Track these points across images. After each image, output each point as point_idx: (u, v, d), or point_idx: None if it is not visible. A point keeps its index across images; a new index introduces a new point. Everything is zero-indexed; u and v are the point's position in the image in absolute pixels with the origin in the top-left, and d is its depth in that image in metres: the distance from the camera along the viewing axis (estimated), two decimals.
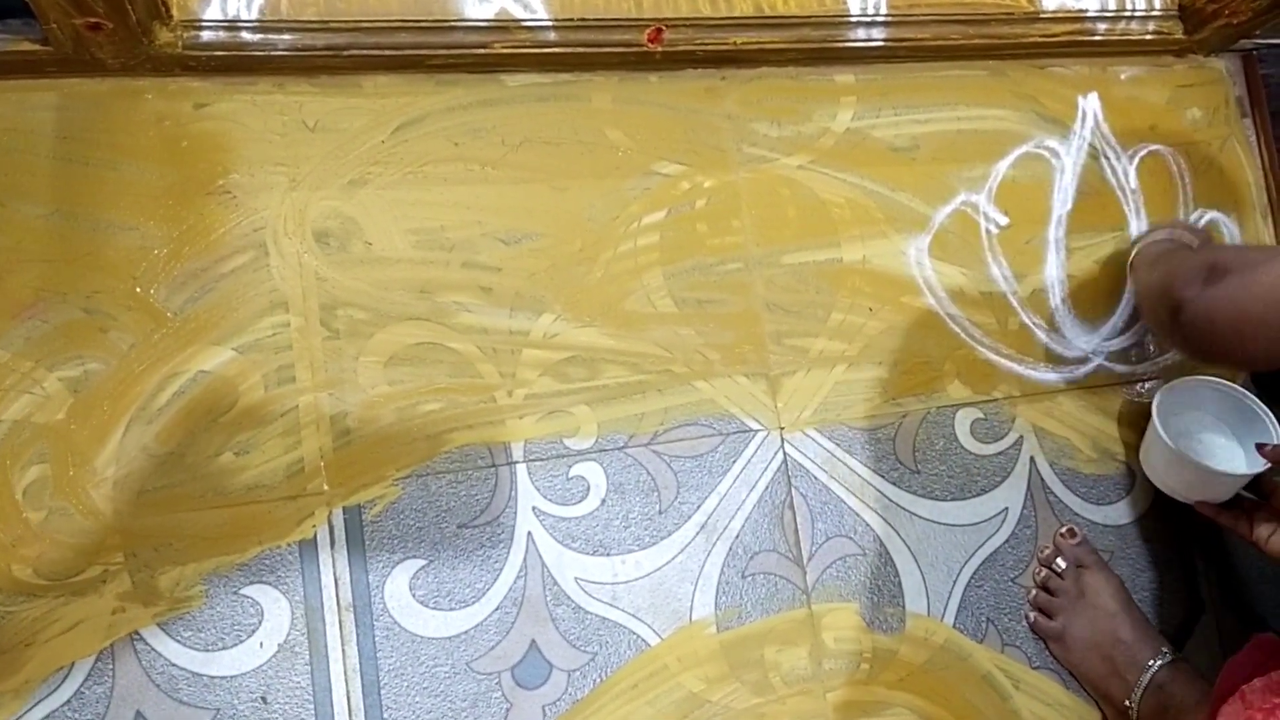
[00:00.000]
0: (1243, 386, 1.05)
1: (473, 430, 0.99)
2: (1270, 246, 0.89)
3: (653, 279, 1.06)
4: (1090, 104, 1.22)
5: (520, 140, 1.04)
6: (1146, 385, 1.14)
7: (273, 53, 0.92)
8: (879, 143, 1.14)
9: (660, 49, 1.01)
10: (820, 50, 1.09)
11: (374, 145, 1.01)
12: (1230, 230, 1.23)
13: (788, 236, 1.10)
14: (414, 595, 0.94)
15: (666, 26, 1.01)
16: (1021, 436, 1.13)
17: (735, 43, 1.03)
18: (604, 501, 1.01)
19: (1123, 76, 1.23)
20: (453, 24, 0.95)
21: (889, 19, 1.09)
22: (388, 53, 0.96)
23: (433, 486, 0.97)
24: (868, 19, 1.09)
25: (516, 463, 0.99)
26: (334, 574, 0.93)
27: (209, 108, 0.96)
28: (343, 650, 0.92)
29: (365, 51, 0.94)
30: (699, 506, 1.03)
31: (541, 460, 1.00)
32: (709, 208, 1.08)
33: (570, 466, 1.01)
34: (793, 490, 1.05)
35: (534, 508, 0.99)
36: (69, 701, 0.85)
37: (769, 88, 1.12)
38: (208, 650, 0.88)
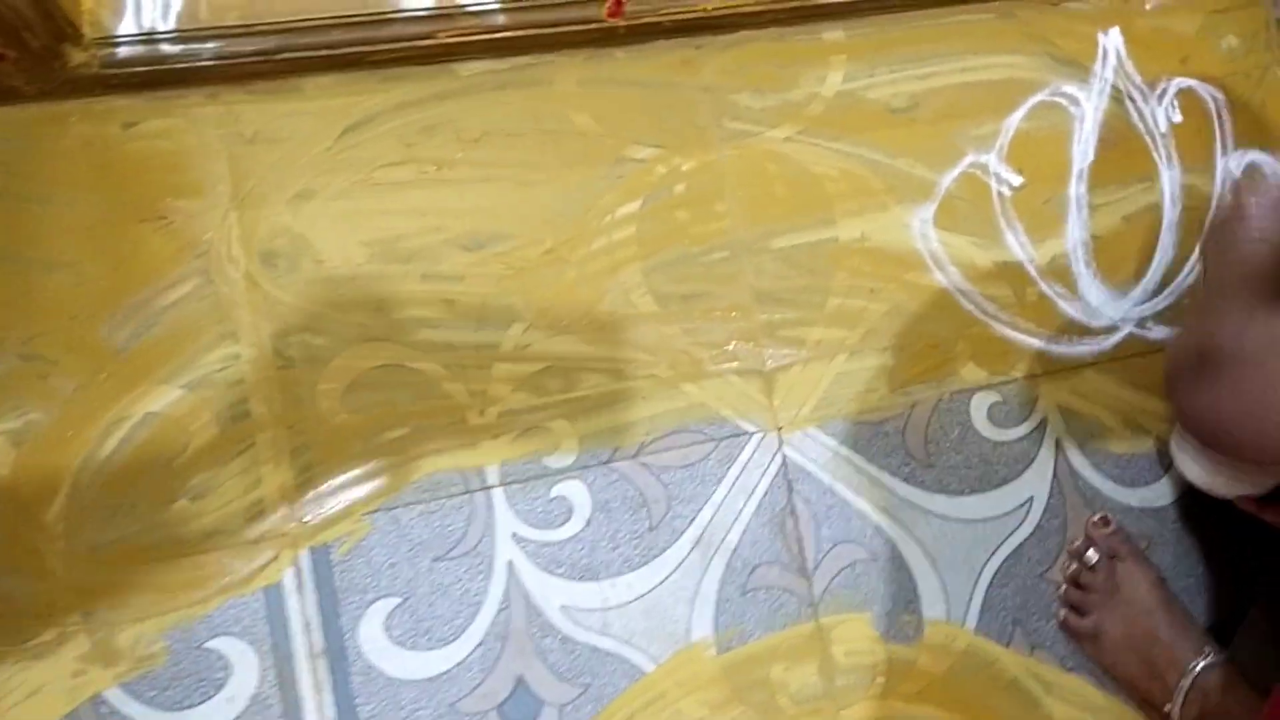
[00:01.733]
0: None
1: (443, 455, 0.95)
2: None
3: (631, 276, 1.00)
4: (1112, 40, 1.13)
5: (478, 134, 0.99)
6: None
7: (198, 63, 0.86)
8: (874, 104, 1.06)
9: (623, 22, 0.93)
10: (804, 7, 1.02)
11: (319, 153, 0.96)
12: (1275, 172, 1.15)
13: (777, 217, 1.03)
14: (390, 636, 0.91)
15: None
16: (1045, 418, 1.06)
17: (706, 8, 0.95)
18: (589, 522, 0.96)
19: (1148, 6, 1.14)
20: (390, 16, 0.89)
21: None
22: (324, 53, 0.90)
23: (403, 519, 0.93)
24: None
25: (492, 487, 0.95)
26: (303, 619, 0.90)
27: (138, 126, 0.91)
28: (318, 699, 0.88)
29: (299, 54, 0.88)
30: (692, 520, 0.98)
31: (519, 482, 0.95)
32: (689, 192, 1.02)
33: (551, 487, 0.96)
34: (794, 495, 1.00)
35: (514, 534, 0.95)
36: None
37: (749, 53, 1.04)
38: (175, 709, 0.86)
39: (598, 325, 0.99)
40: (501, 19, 0.91)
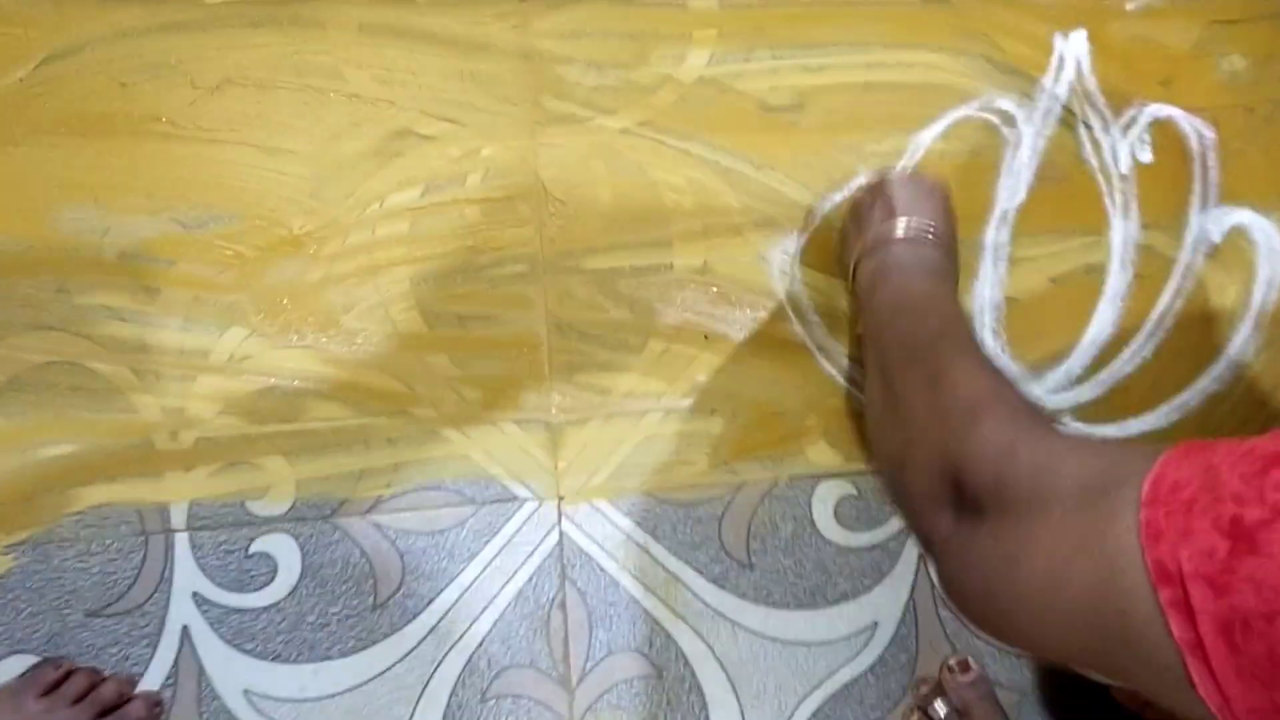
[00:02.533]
0: None
1: (117, 484, 0.84)
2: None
3: (395, 284, 0.88)
4: (1073, 47, 0.98)
5: (218, 81, 0.87)
6: None
7: None
8: (745, 98, 0.94)
9: None
10: None
11: (8, 86, 0.85)
12: (1267, 240, 0.99)
13: (597, 230, 0.91)
14: None
15: None
16: None
17: None
18: (295, 590, 0.85)
19: (1129, 6, 0.99)
20: None
21: None
22: None
23: (55, 558, 0.83)
24: None
25: (176, 531, 0.84)
26: None
27: None
28: None
29: None
30: (431, 601, 0.86)
31: (212, 529, 0.85)
32: (486, 185, 0.90)
33: (252, 540, 0.85)
34: (567, 584, 0.88)
35: (195, 593, 0.84)
36: None
37: (588, 15, 0.93)
38: None
39: (343, 341, 0.88)
40: None
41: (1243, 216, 0.98)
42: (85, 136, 0.84)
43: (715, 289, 0.90)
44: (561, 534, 0.87)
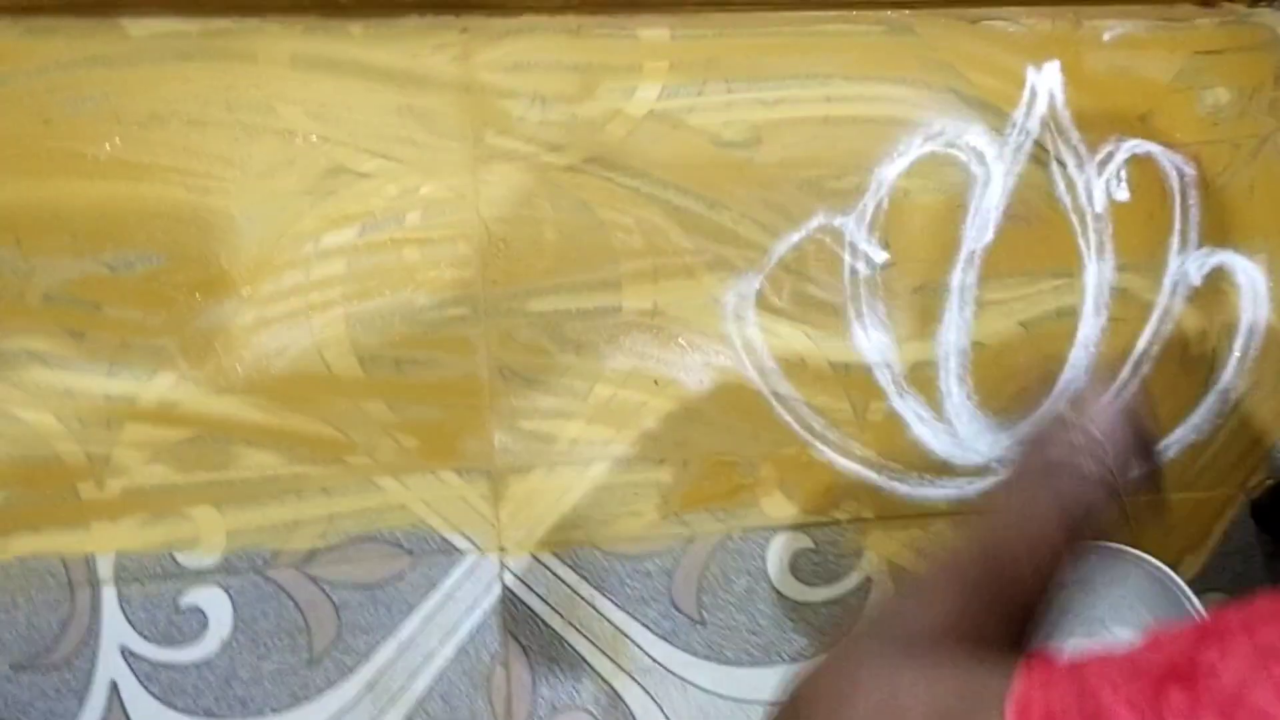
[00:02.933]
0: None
1: (41, 534, 0.85)
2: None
3: (330, 326, 0.89)
4: (1046, 79, 0.97)
5: (145, 116, 0.89)
6: None
7: None
8: (698, 133, 0.95)
9: None
10: None
11: None
12: (1251, 283, 0.99)
13: (542, 271, 0.93)
14: None
15: None
16: (870, 578, 0.94)
17: None
18: (227, 644, 0.86)
19: (1106, 36, 1.00)
20: None
21: None
22: None
23: None
24: None
25: (103, 583, 0.86)
26: None
27: None
28: None
29: None
30: (368, 657, 0.87)
31: (140, 581, 0.86)
32: (425, 224, 0.91)
33: (181, 593, 0.86)
34: (510, 639, 0.89)
35: (123, 648, 0.85)
36: None
37: (533, 47, 0.95)
38: None
39: (275, 387, 0.89)
40: None
41: (1225, 258, 1.01)
42: (6, 174, 0.88)
43: (665, 332, 0.95)
44: (504, 587, 0.92)
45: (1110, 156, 1.00)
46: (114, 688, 0.86)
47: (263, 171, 0.91)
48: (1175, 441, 0.99)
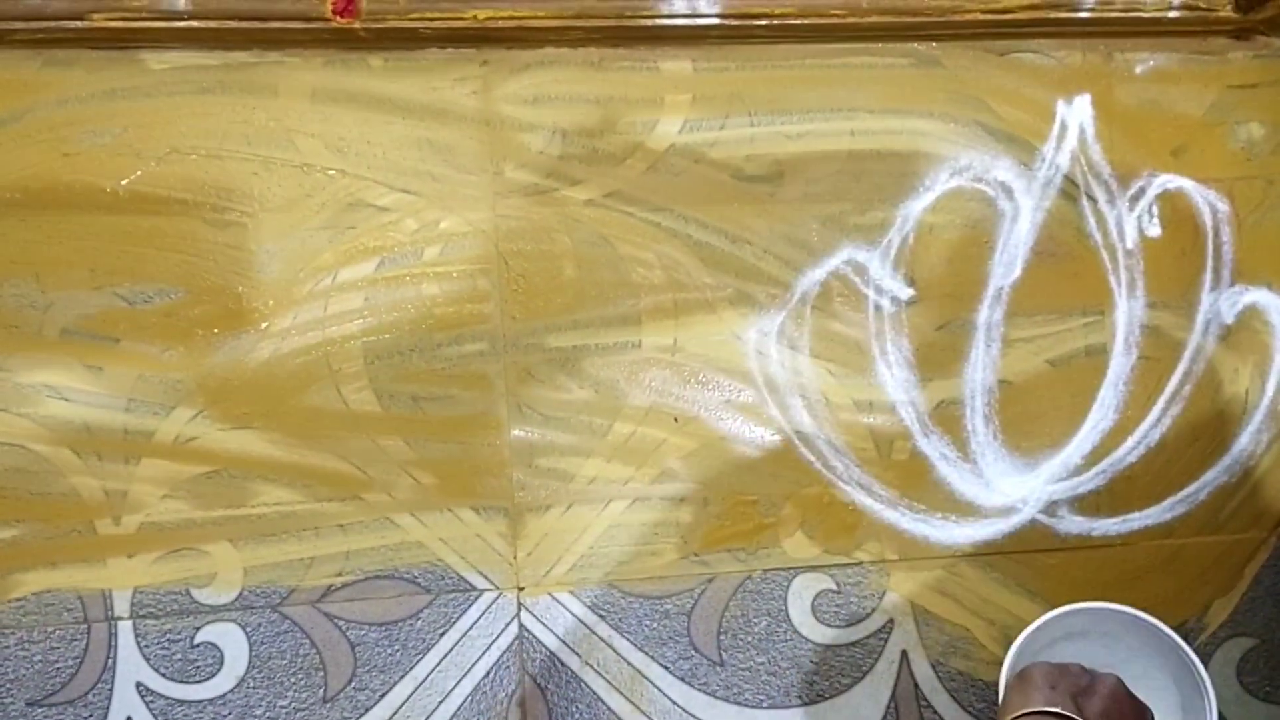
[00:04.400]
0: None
1: (59, 570, 0.86)
2: None
3: (348, 362, 0.90)
4: (1077, 112, 0.97)
5: (165, 150, 0.89)
6: None
7: None
8: (721, 167, 0.95)
9: (359, 24, 0.77)
10: (635, 26, 0.90)
11: None
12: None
13: (561, 307, 0.93)
14: None
15: None
16: (892, 620, 0.94)
17: (475, 17, 0.89)
18: (242, 681, 0.87)
19: (1138, 70, 0.99)
20: None
21: None
22: None
23: None
24: None
25: (119, 619, 0.87)
26: None
27: None
28: None
29: None
30: (383, 695, 0.88)
31: (156, 617, 0.87)
32: (444, 259, 0.91)
33: (198, 629, 0.87)
34: (527, 679, 0.89)
35: (139, 684, 0.86)
36: None
37: (554, 79, 0.95)
38: None
39: (293, 423, 0.90)
40: (182, 2, 0.71)
41: (1259, 296, 1.01)
42: (26, 208, 0.89)
43: (686, 369, 0.96)
44: (521, 626, 0.93)
45: (1142, 192, 1.00)
46: None
47: (282, 205, 0.92)
48: (1206, 484, 0.99)
